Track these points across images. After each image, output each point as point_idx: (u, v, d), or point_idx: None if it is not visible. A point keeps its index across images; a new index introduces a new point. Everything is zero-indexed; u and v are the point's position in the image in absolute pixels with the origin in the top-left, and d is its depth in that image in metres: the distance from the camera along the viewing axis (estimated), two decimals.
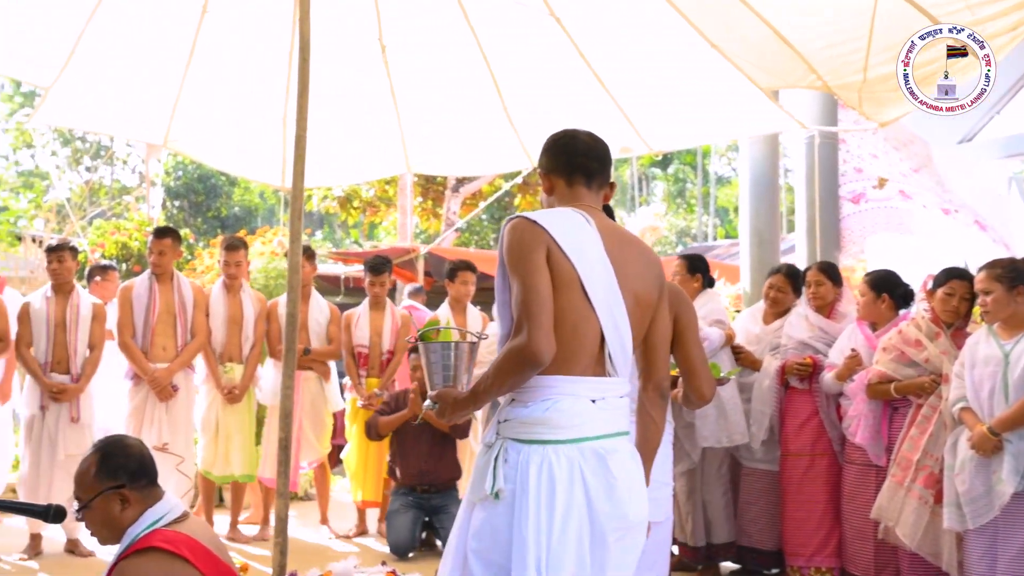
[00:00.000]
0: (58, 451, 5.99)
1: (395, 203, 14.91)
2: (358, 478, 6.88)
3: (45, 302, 6.15)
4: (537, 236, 2.51)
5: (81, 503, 2.85)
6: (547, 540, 2.43)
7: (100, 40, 6.60)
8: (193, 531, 2.88)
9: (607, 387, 2.57)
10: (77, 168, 25.13)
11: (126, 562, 2.75)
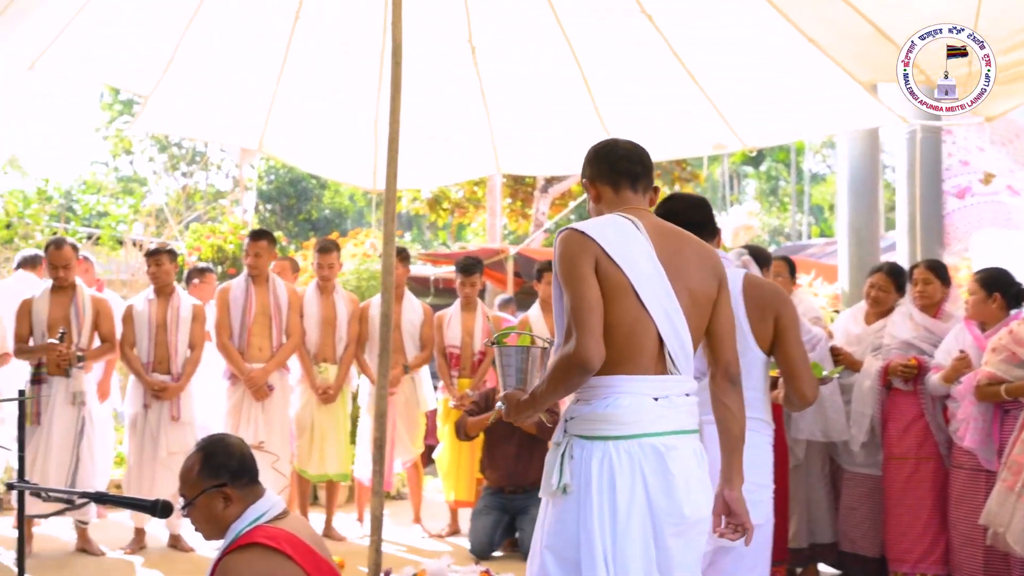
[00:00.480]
0: (160, 448, 6.13)
1: (484, 204, 14.96)
2: (450, 478, 6.91)
3: (147, 304, 6.31)
4: (585, 247, 2.62)
5: (186, 500, 2.92)
6: (611, 533, 2.54)
7: (197, 49, 6.76)
8: (294, 527, 2.93)
9: (669, 385, 2.65)
10: (173, 173, 25.83)
11: (230, 557, 2.81)
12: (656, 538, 2.57)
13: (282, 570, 2.78)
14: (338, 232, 11.53)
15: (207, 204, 19.54)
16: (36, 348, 5.97)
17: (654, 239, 2.67)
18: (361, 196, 23.99)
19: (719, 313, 2.76)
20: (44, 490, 3.27)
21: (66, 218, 11.38)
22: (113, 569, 5.84)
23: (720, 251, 3.28)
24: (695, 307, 2.69)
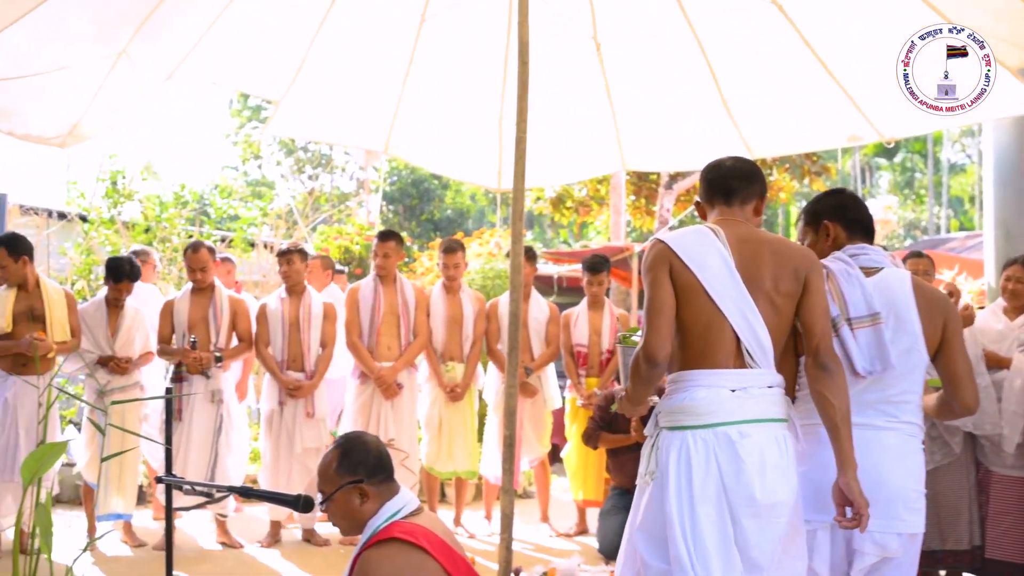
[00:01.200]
0: (295, 445, 6.29)
1: (607, 202, 14.85)
2: (578, 477, 6.88)
3: (280, 303, 6.47)
4: (661, 254, 2.95)
5: (324, 496, 2.97)
6: (689, 515, 2.79)
7: (326, 54, 6.90)
8: (429, 523, 2.96)
9: (748, 378, 2.88)
10: (300, 177, 26.53)
11: (369, 552, 2.85)
12: (732, 518, 2.78)
13: (420, 565, 2.81)
14: (463, 232, 11.62)
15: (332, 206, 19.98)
16: (175, 351, 6.20)
17: (734, 246, 2.93)
18: (483, 196, 24.17)
19: (807, 304, 2.95)
20: (192, 484, 3.38)
21: (200, 222, 11.76)
22: (251, 562, 6.01)
23: (877, 249, 3.30)
24: (773, 306, 2.92)
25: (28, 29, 6.15)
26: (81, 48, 6.63)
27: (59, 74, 6.77)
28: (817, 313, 2.96)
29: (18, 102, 7.03)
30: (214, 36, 6.87)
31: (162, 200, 11.20)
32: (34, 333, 5.75)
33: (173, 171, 35.02)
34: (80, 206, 11.52)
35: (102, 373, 6.17)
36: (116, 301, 6.25)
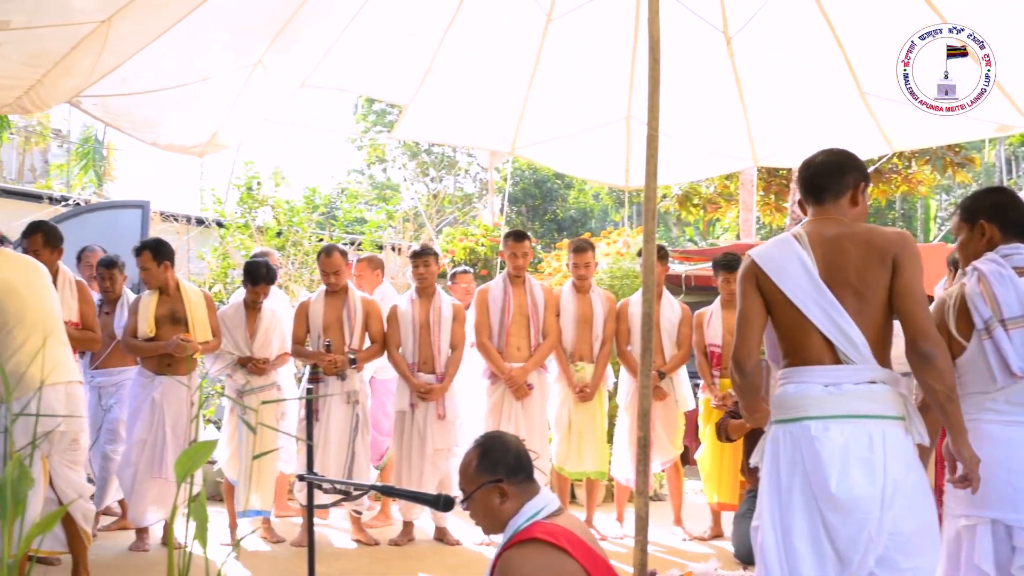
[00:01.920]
0: (427, 446, 6.36)
1: (736, 198, 14.57)
2: (712, 480, 6.77)
3: (410, 305, 6.55)
4: (748, 269, 3.16)
5: (465, 495, 2.99)
6: (778, 503, 2.99)
7: (452, 57, 6.97)
8: (570, 524, 2.95)
9: (842, 374, 2.98)
10: (424, 179, 26.90)
11: (510, 552, 2.85)
12: (820, 510, 2.92)
13: (561, 566, 2.80)
14: (589, 232, 11.57)
15: (455, 208, 20.18)
16: (310, 353, 6.34)
17: (817, 248, 3.06)
18: (606, 195, 24.05)
19: (895, 288, 2.99)
20: (333, 482, 3.43)
21: (330, 225, 12.02)
22: (385, 559, 6.10)
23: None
24: (861, 298, 3.01)
25: (171, 43, 6.38)
26: (220, 60, 6.85)
27: (199, 86, 7.02)
28: (906, 296, 2.99)
29: (162, 114, 7.31)
30: (344, 44, 7.02)
31: (292, 205, 11.48)
32: (181, 335, 5.96)
33: (301, 176, 36.09)
34: (217, 211, 11.92)
35: (241, 374, 6.35)
36: (254, 303, 6.42)
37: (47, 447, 4.65)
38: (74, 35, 5.86)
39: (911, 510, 2.91)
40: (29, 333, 4.58)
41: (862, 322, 2.99)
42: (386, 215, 12.94)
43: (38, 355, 4.50)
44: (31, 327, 4.61)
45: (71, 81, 6.41)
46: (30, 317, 4.63)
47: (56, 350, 4.68)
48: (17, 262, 4.83)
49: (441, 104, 7.47)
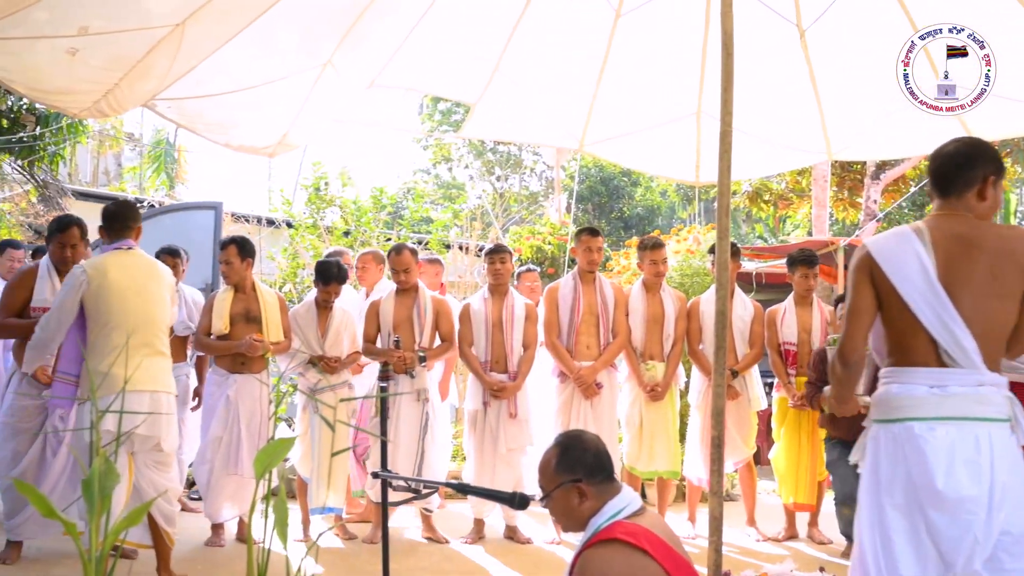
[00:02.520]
0: (500, 445, 6.35)
1: (808, 194, 14.32)
2: (788, 480, 6.67)
3: (483, 303, 6.55)
4: (863, 261, 3.09)
5: (544, 493, 2.96)
6: (877, 503, 2.97)
7: (520, 55, 6.95)
8: (651, 524, 2.90)
9: (948, 377, 2.94)
10: (489, 178, 26.95)
11: (590, 552, 2.82)
12: (921, 510, 2.88)
13: (642, 566, 2.76)
14: (659, 230, 11.47)
15: (521, 207, 20.17)
16: (381, 351, 6.37)
17: (939, 246, 2.98)
18: (674, 192, 23.86)
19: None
20: (407, 479, 3.43)
21: (397, 225, 12.09)
22: (456, 557, 6.11)
23: None
24: (983, 303, 2.94)
25: (242, 45, 6.46)
26: (290, 61, 6.91)
27: (270, 87, 7.09)
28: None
29: (234, 115, 7.40)
30: (412, 43, 7.04)
31: (359, 205, 11.57)
32: (253, 335, 6.03)
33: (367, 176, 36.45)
34: (285, 212, 12.06)
35: (313, 372, 6.40)
36: (325, 303, 6.47)
37: (130, 445, 4.79)
38: (150, 39, 5.97)
39: (1019, 511, 2.88)
40: (127, 336, 4.71)
41: (978, 327, 2.95)
42: (452, 214, 12.96)
43: (130, 359, 4.63)
44: (130, 331, 4.75)
45: (147, 84, 6.52)
46: (131, 321, 4.80)
47: (149, 357, 4.82)
48: (137, 266, 4.98)
49: (509, 102, 7.46)
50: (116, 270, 4.88)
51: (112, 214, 5.11)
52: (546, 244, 12.42)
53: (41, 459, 5.44)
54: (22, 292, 5.42)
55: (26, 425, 5.41)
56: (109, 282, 4.82)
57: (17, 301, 5.39)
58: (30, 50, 5.83)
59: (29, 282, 5.45)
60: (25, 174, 12.45)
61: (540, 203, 25.92)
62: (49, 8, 5.36)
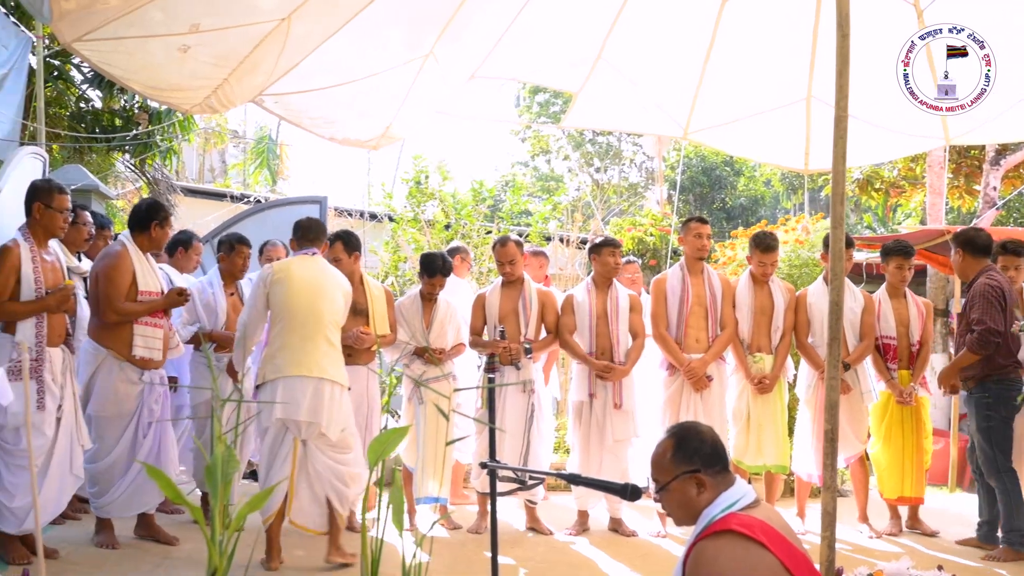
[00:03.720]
0: (606, 436, 6.29)
1: (921, 182, 13.84)
2: (893, 475, 6.49)
3: (587, 295, 6.49)
4: None
5: (659, 485, 2.91)
6: None
7: (623, 43, 6.87)
8: (767, 516, 2.82)
9: None
10: (588, 169, 26.83)
11: (704, 543, 2.75)
12: None
13: (757, 558, 2.68)
14: (765, 220, 11.23)
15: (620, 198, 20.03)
16: (487, 343, 6.37)
17: None
18: (778, 181, 23.38)
19: None
20: (520, 470, 3.42)
21: (497, 218, 12.10)
22: (561, 548, 6.07)
23: None
24: None
25: (346, 39, 6.55)
26: (392, 53, 6.97)
27: (372, 80, 7.17)
28: None
29: (337, 109, 7.51)
30: (513, 33, 7.03)
31: (458, 198, 11.62)
32: (360, 328, 6.09)
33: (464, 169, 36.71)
34: (386, 205, 12.20)
35: (418, 364, 6.44)
36: (430, 295, 6.50)
37: (296, 430, 5.20)
38: (257, 34, 6.08)
39: None
40: (298, 330, 5.27)
41: None
42: (551, 207, 12.92)
43: (299, 349, 5.23)
44: (300, 325, 5.28)
45: (254, 80, 6.66)
46: (304, 316, 5.31)
47: (319, 349, 5.26)
48: (316, 269, 5.52)
49: (612, 90, 7.41)
50: (298, 271, 5.44)
51: (304, 227, 5.72)
52: (647, 235, 12.27)
53: (133, 442, 5.58)
54: (128, 276, 5.53)
55: (125, 409, 5.54)
56: (291, 280, 5.36)
57: (127, 285, 5.51)
58: (144, 49, 6.00)
59: (130, 265, 5.56)
60: (137, 171, 12.83)
61: (640, 194, 25.70)
62: (163, 7, 5.50)
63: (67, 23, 5.39)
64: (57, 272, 5.26)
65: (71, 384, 5.26)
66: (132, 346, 5.50)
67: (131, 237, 5.67)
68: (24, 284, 5.01)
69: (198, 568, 5.24)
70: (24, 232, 5.15)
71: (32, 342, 5.00)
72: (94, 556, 5.37)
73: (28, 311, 5.01)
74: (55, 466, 5.13)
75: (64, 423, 5.16)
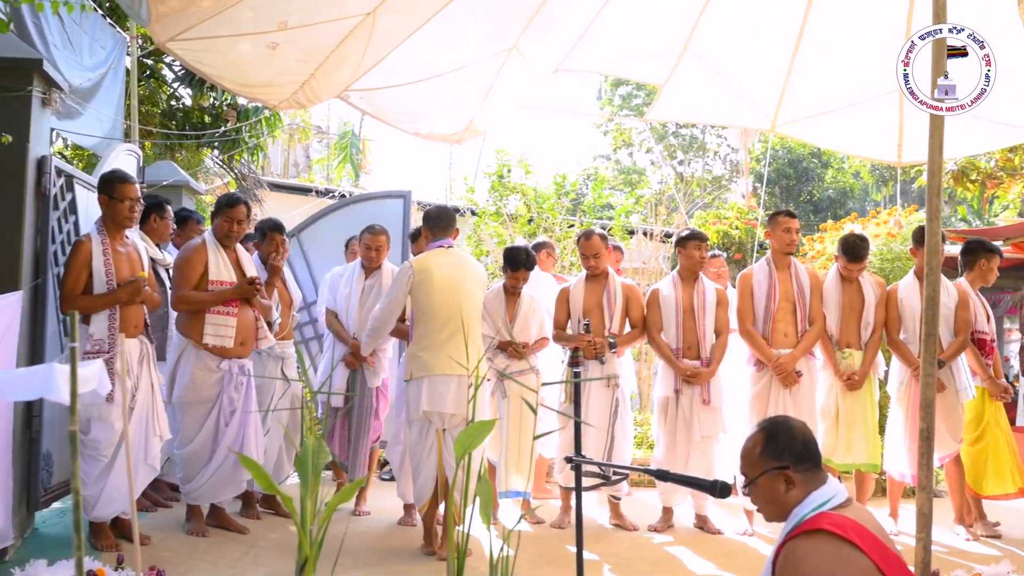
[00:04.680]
0: (694, 432, 6.22)
1: (1020, 173, 13.37)
2: (992, 471, 6.29)
3: (672, 289, 6.41)
4: None
5: (747, 480, 2.86)
6: None
7: (710, 35, 6.79)
8: (859, 516, 2.76)
9: None
10: (671, 162, 26.57)
11: (794, 542, 2.70)
12: None
13: (850, 559, 2.62)
14: (856, 213, 10.95)
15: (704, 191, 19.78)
16: (571, 337, 6.34)
17: None
18: (867, 172, 22.84)
19: None
20: (605, 465, 3.39)
21: (580, 211, 12.07)
22: (645, 545, 6.03)
23: None
24: None
25: (430, 34, 6.57)
26: (475, 48, 6.99)
27: (456, 74, 7.19)
28: None
29: (421, 104, 7.55)
30: (598, 26, 6.99)
31: (539, 191, 11.60)
32: None
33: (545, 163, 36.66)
34: (467, 199, 12.24)
35: (501, 358, 6.44)
36: (513, 289, 6.50)
37: (440, 422, 5.42)
38: (343, 29, 6.15)
39: None
40: (441, 326, 5.44)
41: None
42: (634, 200, 12.82)
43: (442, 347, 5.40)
44: (444, 321, 5.44)
45: (340, 75, 6.73)
46: (445, 313, 5.46)
47: (458, 348, 5.32)
48: (454, 263, 5.61)
49: (698, 83, 7.32)
50: (437, 267, 5.53)
51: (436, 216, 5.76)
52: (733, 229, 12.09)
53: (216, 429, 5.68)
54: (198, 267, 5.65)
55: (204, 396, 5.64)
56: (431, 278, 5.48)
57: (195, 275, 5.63)
58: (235, 47, 6.12)
59: (203, 256, 5.68)
60: (225, 167, 13.08)
61: (724, 186, 25.36)
62: (252, 6, 5.60)
63: (162, 24, 5.52)
64: (134, 263, 5.34)
65: (149, 375, 5.34)
66: (203, 334, 5.61)
67: (212, 229, 5.83)
68: (96, 277, 5.11)
69: (285, 557, 5.34)
70: (98, 225, 5.26)
71: (105, 334, 5.10)
72: (184, 543, 5.51)
73: (99, 304, 5.10)
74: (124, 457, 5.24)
75: (137, 414, 5.23)
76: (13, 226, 5.04)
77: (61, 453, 5.59)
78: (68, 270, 5.08)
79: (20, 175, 5.06)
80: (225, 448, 5.67)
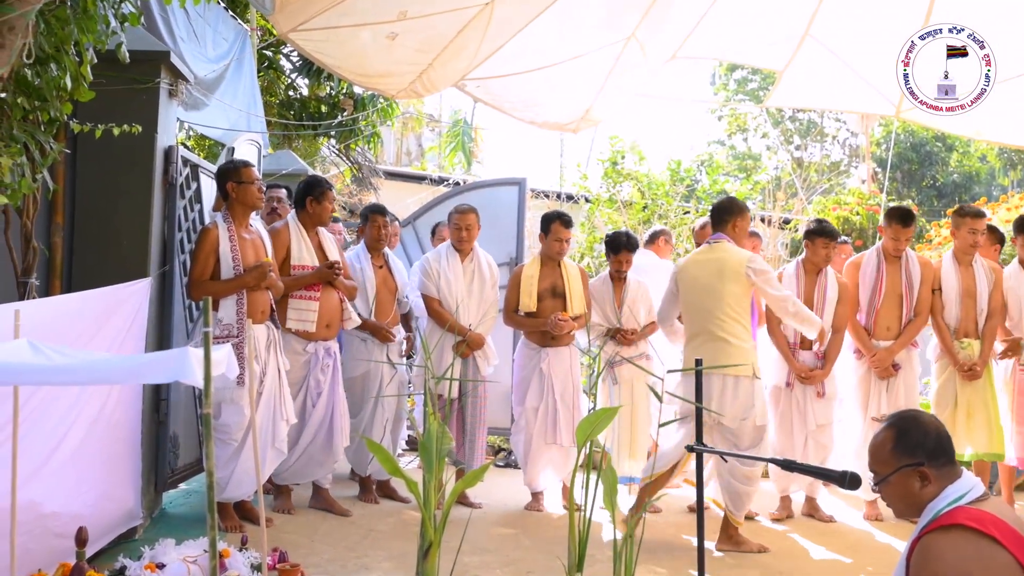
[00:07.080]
0: (808, 422, 6.15)
1: None
2: None
3: (794, 279, 6.24)
4: None
5: (878, 477, 2.80)
6: None
7: (831, 18, 6.65)
8: (998, 511, 2.68)
9: None
10: (788, 147, 26.01)
11: (930, 537, 2.64)
12: None
13: (989, 554, 2.55)
14: (985, 198, 10.58)
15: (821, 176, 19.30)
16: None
17: None
18: (995, 157, 21.96)
19: None
20: (723, 454, 3.37)
21: (695, 197, 11.92)
22: (761, 531, 5.94)
23: None
24: None
25: (548, 22, 6.60)
26: (594, 36, 6.99)
27: (574, 63, 7.21)
28: None
29: (538, 93, 7.59)
30: (716, 12, 6.90)
31: (653, 178, 11.50)
32: (558, 314, 6.17)
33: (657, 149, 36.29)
34: (580, 187, 12.22)
35: (611, 344, 6.45)
36: (618, 273, 6.51)
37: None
38: (462, 19, 6.22)
39: None
40: (693, 329, 5.55)
41: None
42: (751, 185, 12.61)
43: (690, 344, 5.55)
44: (695, 325, 5.55)
45: (458, 64, 6.81)
46: (694, 318, 5.56)
47: (707, 343, 5.41)
48: (711, 261, 5.58)
49: (819, 68, 7.18)
50: (693, 267, 5.63)
51: (716, 208, 5.78)
52: (854, 215, 11.79)
53: (303, 410, 5.76)
54: (280, 251, 5.71)
55: (291, 378, 5.66)
56: (687, 277, 5.61)
57: (277, 259, 5.66)
58: (355, 37, 6.25)
59: (285, 241, 5.76)
60: (341, 156, 13.37)
61: (844, 171, 24.71)
62: None
63: (284, 15, 5.67)
64: (259, 250, 5.44)
65: (276, 360, 5.43)
66: (287, 319, 5.69)
67: (295, 214, 5.89)
68: (223, 263, 5.21)
69: (402, 541, 5.41)
70: (224, 213, 5.36)
71: (233, 319, 5.20)
72: (304, 526, 5.66)
73: (227, 289, 5.19)
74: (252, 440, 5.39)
75: (264, 398, 5.34)
76: (142, 214, 5.19)
77: (187, 436, 5.78)
78: (196, 257, 5.21)
79: (148, 164, 5.20)
80: (312, 429, 5.77)
